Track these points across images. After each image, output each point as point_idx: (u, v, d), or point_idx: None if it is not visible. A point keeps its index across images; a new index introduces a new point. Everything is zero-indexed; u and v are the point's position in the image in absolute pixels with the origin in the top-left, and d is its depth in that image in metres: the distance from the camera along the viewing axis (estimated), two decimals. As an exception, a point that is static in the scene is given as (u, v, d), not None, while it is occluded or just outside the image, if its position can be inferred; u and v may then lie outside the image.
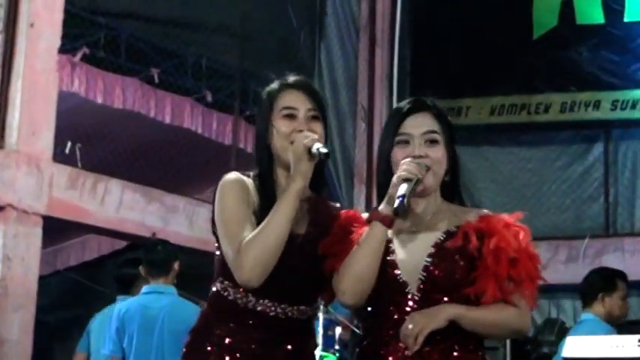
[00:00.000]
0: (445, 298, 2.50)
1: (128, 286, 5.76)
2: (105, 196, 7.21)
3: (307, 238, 2.61)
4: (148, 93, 7.69)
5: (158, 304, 5.16)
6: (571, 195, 8.63)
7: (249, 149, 8.32)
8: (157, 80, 7.66)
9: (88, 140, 7.65)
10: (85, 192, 7.09)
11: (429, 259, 2.51)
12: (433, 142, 2.59)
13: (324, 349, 6.31)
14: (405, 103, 2.66)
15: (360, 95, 9.26)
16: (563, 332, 6.01)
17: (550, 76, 8.63)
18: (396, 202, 2.45)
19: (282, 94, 2.65)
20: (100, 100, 7.35)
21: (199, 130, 8.00)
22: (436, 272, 2.51)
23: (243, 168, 2.79)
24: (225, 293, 2.62)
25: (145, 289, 5.31)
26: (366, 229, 2.56)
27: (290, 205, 2.50)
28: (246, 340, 2.59)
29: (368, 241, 2.51)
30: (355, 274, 2.49)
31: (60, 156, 7.07)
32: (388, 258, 2.52)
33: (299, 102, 2.63)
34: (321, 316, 6.34)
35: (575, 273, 7.88)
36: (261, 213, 2.57)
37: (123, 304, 5.36)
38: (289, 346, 2.59)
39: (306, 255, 2.59)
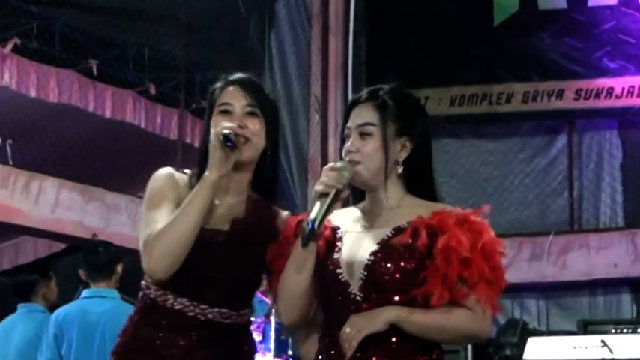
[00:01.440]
0: (393, 298, 2.39)
1: (27, 293, 5.63)
2: (39, 195, 7.00)
3: (231, 237, 2.56)
4: (86, 86, 7.45)
5: (99, 308, 5.00)
6: (535, 189, 8.49)
7: (197, 144, 8.13)
8: (95, 72, 7.43)
9: (21, 136, 7.43)
10: (17, 191, 6.88)
11: (371, 257, 2.41)
12: (365, 134, 2.49)
13: (277, 354, 6.19)
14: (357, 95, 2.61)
15: (313, 86, 9.09)
16: (526, 333, 5.86)
17: (512, 65, 8.44)
18: (306, 229, 2.37)
19: (222, 92, 2.64)
20: (33, 94, 7.10)
21: (143, 125, 7.80)
22: (378, 271, 2.40)
23: (190, 163, 2.75)
24: (148, 291, 2.60)
25: (85, 292, 5.14)
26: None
27: (202, 196, 2.47)
28: (165, 342, 2.55)
29: (291, 259, 2.47)
30: (285, 297, 2.48)
31: (-11, 154, 6.90)
32: (334, 257, 2.46)
33: (235, 98, 2.60)
34: (272, 320, 6.15)
35: (540, 271, 7.82)
36: None
37: (61, 310, 5.17)
38: (210, 351, 2.54)
39: (228, 254, 2.55)
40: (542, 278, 7.76)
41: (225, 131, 2.49)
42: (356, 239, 2.46)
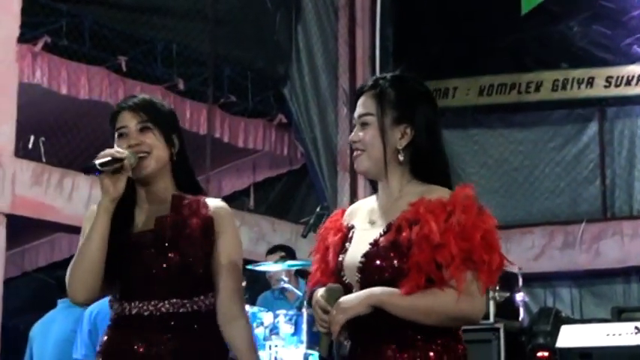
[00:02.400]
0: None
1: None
2: (73, 191, 7.03)
3: (157, 233, 2.76)
4: (116, 82, 7.49)
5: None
6: (566, 178, 8.45)
7: (226, 138, 8.22)
8: (124, 69, 7.46)
9: (53, 133, 7.50)
10: (50, 188, 6.92)
11: (362, 259, 2.46)
12: (364, 124, 2.53)
13: (309, 347, 6.07)
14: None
15: (341, 79, 9.10)
16: (559, 322, 5.82)
17: (540, 53, 8.45)
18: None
19: (116, 118, 2.86)
20: (64, 91, 7.15)
21: (173, 120, 7.81)
22: (369, 272, 2.44)
23: (219, 157, 2.86)
24: (112, 308, 2.82)
25: None
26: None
27: (99, 221, 2.71)
28: (131, 348, 2.74)
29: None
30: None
31: (23, 151, 6.92)
32: (339, 259, 2.52)
33: (127, 120, 2.82)
34: (304, 312, 6.13)
35: (572, 259, 7.78)
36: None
37: (94, 305, 5.05)
38: (175, 344, 2.72)
39: (158, 249, 2.74)
40: (574, 266, 7.72)
41: (94, 162, 2.70)
42: (359, 239, 2.51)
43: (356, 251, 2.47)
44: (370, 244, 2.44)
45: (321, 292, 2.45)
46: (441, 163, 2.53)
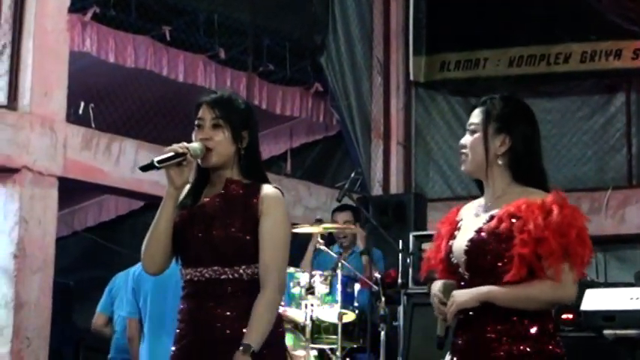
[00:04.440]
0: (490, 274, 2.81)
1: None
2: (120, 156, 7.25)
3: (204, 210, 3.10)
4: (160, 51, 7.69)
5: (172, 263, 5.15)
6: (593, 146, 8.54)
7: (264, 106, 8.39)
8: (168, 38, 7.65)
9: (101, 100, 7.66)
10: (99, 152, 7.14)
11: (468, 244, 2.87)
12: (472, 131, 2.95)
13: (344, 306, 6.30)
14: None
15: (375, 49, 9.22)
16: (584, 285, 5.99)
17: (569, 25, 8.49)
18: (438, 343, 2.94)
19: (197, 110, 3.18)
20: (111, 59, 7.36)
21: (213, 88, 7.96)
22: (474, 254, 2.86)
23: (258, 125, 3.25)
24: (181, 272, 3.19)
25: None
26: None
27: (164, 205, 3.10)
28: (188, 308, 3.12)
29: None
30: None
31: (73, 116, 7.08)
32: (449, 243, 2.94)
33: (204, 113, 3.14)
34: (339, 273, 6.36)
35: (598, 225, 7.88)
36: None
37: (138, 265, 5.29)
38: (218, 308, 3.05)
39: (202, 223, 3.08)
40: (600, 232, 7.71)
41: (153, 160, 3.05)
42: (466, 228, 2.93)
43: (463, 237, 2.90)
44: (475, 231, 2.87)
45: (438, 286, 2.91)
46: (537, 169, 2.93)
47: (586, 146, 8.51)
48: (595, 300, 4.55)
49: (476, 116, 2.96)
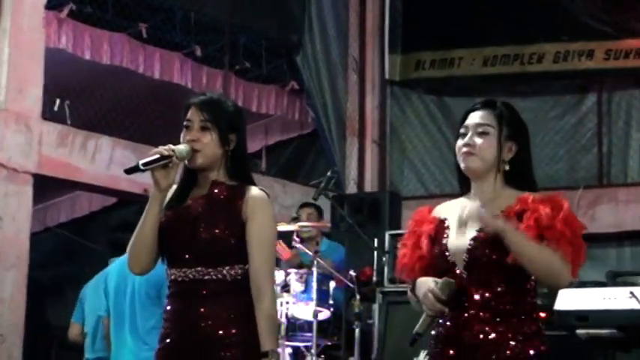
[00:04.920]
0: (492, 274, 2.87)
1: (122, 251, 5.76)
2: (95, 153, 7.26)
3: (188, 211, 3.14)
4: (137, 48, 7.70)
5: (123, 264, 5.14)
6: (564, 146, 8.61)
7: (240, 103, 8.33)
8: (145, 35, 7.65)
9: (77, 97, 7.65)
10: (75, 149, 7.14)
11: (471, 242, 2.91)
12: (483, 133, 2.98)
13: (318, 304, 6.38)
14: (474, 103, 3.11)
15: (351, 47, 9.26)
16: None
17: (543, 26, 8.57)
18: (412, 337, 2.93)
19: (186, 111, 3.17)
20: (87, 56, 7.36)
21: (189, 85, 8.03)
22: (477, 254, 2.90)
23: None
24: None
25: None
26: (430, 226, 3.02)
27: (149, 208, 3.11)
28: (173, 307, 3.15)
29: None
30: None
31: (49, 113, 7.07)
32: (442, 242, 2.96)
33: (193, 115, 3.14)
34: (314, 270, 6.40)
35: None
36: None
37: (113, 264, 5.41)
38: (202, 308, 3.08)
39: (187, 224, 3.12)
40: None
41: (138, 162, 3.05)
42: (460, 227, 2.96)
43: (461, 236, 2.93)
44: (477, 230, 2.90)
45: (435, 283, 2.86)
46: (532, 174, 3.03)
47: (558, 145, 8.58)
48: (569, 300, 4.60)
49: (484, 117, 2.99)
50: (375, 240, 6.72)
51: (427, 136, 9.06)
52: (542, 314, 5.39)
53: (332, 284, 6.56)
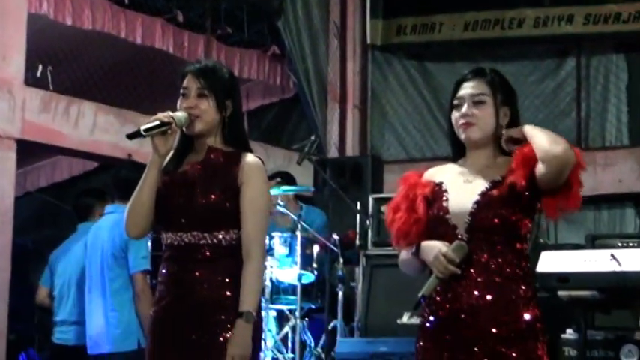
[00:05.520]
0: (493, 237, 2.92)
1: (87, 215, 5.89)
2: (78, 118, 7.24)
3: (185, 177, 3.21)
4: (118, 14, 7.65)
5: (103, 223, 5.30)
6: (544, 110, 8.67)
7: None
8: (126, 1, 7.62)
9: (60, 63, 7.63)
10: (58, 115, 7.12)
11: (474, 206, 2.94)
12: (479, 102, 3.02)
13: (302, 267, 6.43)
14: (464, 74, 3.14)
15: (332, 12, 9.23)
16: (537, 247, 6.13)
17: None
18: (417, 300, 2.98)
19: (183, 79, 3.24)
20: (69, 22, 7.31)
21: (171, 50, 8.02)
22: (480, 217, 2.93)
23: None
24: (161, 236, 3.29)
25: (105, 209, 5.47)
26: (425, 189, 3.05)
27: (147, 173, 3.19)
28: (168, 270, 3.21)
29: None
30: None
31: (32, 79, 7.06)
32: (442, 205, 2.99)
33: (190, 83, 3.21)
34: (298, 234, 6.47)
35: None
36: None
37: (84, 227, 5.63)
38: (197, 272, 3.14)
39: (183, 190, 3.19)
40: None
41: (139, 128, 3.12)
42: (460, 191, 2.99)
43: (463, 199, 2.96)
44: (479, 194, 2.95)
45: (444, 246, 2.91)
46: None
47: (537, 110, 8.62)
48: (550, 262, 4.68)
49: (477, 87, 3.02)
50: (358, 204, 6.79)
51: (408, 101, 9.10)
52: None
53: (315, 248, 6.62)
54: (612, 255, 4.55)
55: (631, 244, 5.29)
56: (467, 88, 3.03)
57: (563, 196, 2.93)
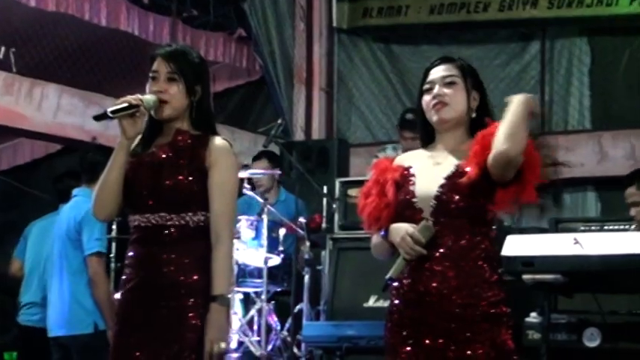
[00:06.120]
0: (458, 220, 2.96)
1: (67, 197, 5.81)
2: (42, 100, 7.26)
3: (152, 159, 3.22)
4: None
5: (68, 206, 5.32)
6: (509, 93, 8.46)
7: None
8: None
9: (23, 44, 7.57)
10: (21, 97, 7.12)
11: (440, 189, 2.97)
12: (451, 83, 3.07)
13: (269, 251, 6.48)
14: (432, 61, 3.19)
15: None
16: (502, 231, 6.18)
17: None
18: (384, 283, 3.02)
19: (152, 62, 3.22)
20: (33, 3, 7.25)
21: (136, 32, 7.99)
22: (445, 201, 2.97)
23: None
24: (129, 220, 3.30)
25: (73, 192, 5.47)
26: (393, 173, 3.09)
27: (116, 155, 3.19)
28: (135, 253, 3.21)
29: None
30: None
31: (-6, 61, 7.01)
32: (409, 188, 3.02)
33: (159, 66, 3.21)
34: (265, 218, 6.48)
35: None
36: None
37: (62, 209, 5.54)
38: (164, 254, 3.14)
39: (150, 171, 3.19)
40: None
41: (106, 109, 3.13)
42: (426, 175, 3.02)
43: (429, 183, 3.00)
44: (444, 178, 2.98)
45: (411, 227, 2.93)
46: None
47: (503, 93, 8.46)
48: (515, 246, 4.71)
49: (447, 69, 3.08)
50: (325, 187, 6.81)
51: (374, 84, 9.11)
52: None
53: (282, 231, 6.65)
54: (576, 239, 4.59)
55: (593, 228, 5.35)
56: (438, 72, 3.09)
57: (516, 190, 2.96)
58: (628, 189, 5.19)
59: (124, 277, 3.25)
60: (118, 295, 3.34)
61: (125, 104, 3.12)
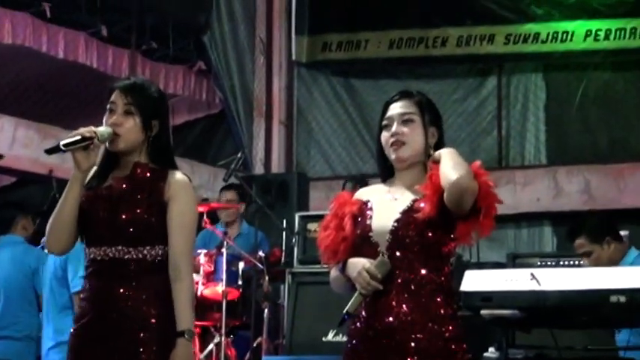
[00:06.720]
0: (412, 253, 2.96)
1: (9, 227, 5.85)
2: None
3: (110, 191, 3.18)
4: (40, 28, 7.58)
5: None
6: (466, 128, 8.80)
7: None
8: (49, 15, 7.53)
9: None
10: None
11: (395, 224, 2.98)
12: (408, 121, 3.07)
13: (228, 284, 6.43)
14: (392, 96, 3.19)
15: (258, 29, 9.27)
16: (460, 266, 6.20)
17: (447, 10, 8.74)
18: (341, 318, 3.01)
19: (110, 94, 3.18)
20: None
21: (95, 65, 7.97)
22: (400, 235, 2.98)
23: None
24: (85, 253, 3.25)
25: None
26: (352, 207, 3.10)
27: (69, 188, 3.14)
28: (91, 286, 3.17)
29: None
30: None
31: (-50, 94, 6.95)
32: (366, 222, 3.03)
33: (117, 99, 3.17)
34: (224, 251, 6.46)
35: None
36: None
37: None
38: (121, 288, 3.11)
39: (108, 204, 3.15)
40: None
41: (59, 143, 3.08)
42: (384, 209, 3.02)
43: (385, 218, 3.00)
44: (400, 213, 2.98)
45: (368, 262, 2.93)
46: None
47: (460, 128, 8.74)
48: (474, 281, 4.71)
49: (405, 106, 3.07)
50: (284, 221, 6.81)
51: (334, 118, 9.16)
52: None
53: (241, 265, 6.62)
54: (532, 274, 4.61)
55: (549, 263, 5.39)
56: (396, 109, 3.08)
57: (474, 222, 2.96)
58: (577, 240, 5.21)
59: (79, 310, 3.22)
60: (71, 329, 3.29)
61: (78, 137, 3.08)
